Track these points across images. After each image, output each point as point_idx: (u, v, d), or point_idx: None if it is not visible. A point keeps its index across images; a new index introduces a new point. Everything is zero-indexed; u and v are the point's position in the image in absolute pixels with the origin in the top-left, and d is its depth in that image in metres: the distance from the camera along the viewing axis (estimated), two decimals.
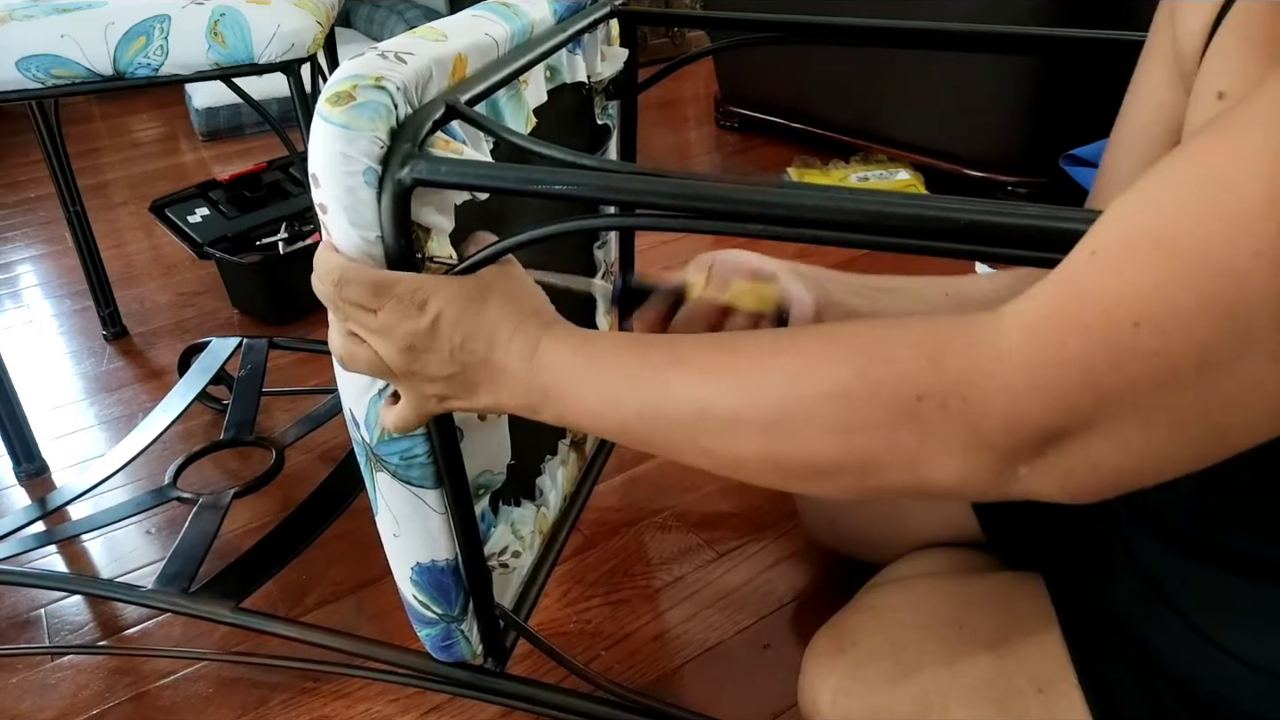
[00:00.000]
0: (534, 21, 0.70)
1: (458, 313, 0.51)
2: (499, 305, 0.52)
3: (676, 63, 0.84)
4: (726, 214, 0.47)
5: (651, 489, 1.07)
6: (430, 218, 0.56)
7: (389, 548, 0.69)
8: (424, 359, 0.52)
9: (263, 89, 1.17)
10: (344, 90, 0.52)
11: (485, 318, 0.52)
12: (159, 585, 0.85)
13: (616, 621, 0.90)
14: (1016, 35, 0.75)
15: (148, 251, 1.83)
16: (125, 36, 0.87)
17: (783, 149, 2.09)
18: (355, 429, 0.62)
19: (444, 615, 0.71)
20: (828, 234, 0.45)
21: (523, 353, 0.51)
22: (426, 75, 0.56)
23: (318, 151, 0.52)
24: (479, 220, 0.65)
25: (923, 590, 0.73)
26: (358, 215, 0.53)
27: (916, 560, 0.80)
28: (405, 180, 0.52)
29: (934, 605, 0.70)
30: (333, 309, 0.54)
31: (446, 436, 0.62)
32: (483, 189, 0.58)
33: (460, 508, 0.65)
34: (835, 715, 0.67)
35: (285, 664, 0.86)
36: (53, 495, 1.03)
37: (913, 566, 0.79)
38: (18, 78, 0.88)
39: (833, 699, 0.67)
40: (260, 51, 0.90)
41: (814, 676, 0.69)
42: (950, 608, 0.69)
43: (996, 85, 1.63)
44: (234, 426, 1.10)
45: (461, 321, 0.51)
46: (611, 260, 0.98)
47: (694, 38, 2.91)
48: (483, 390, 0.53)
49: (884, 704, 0.65)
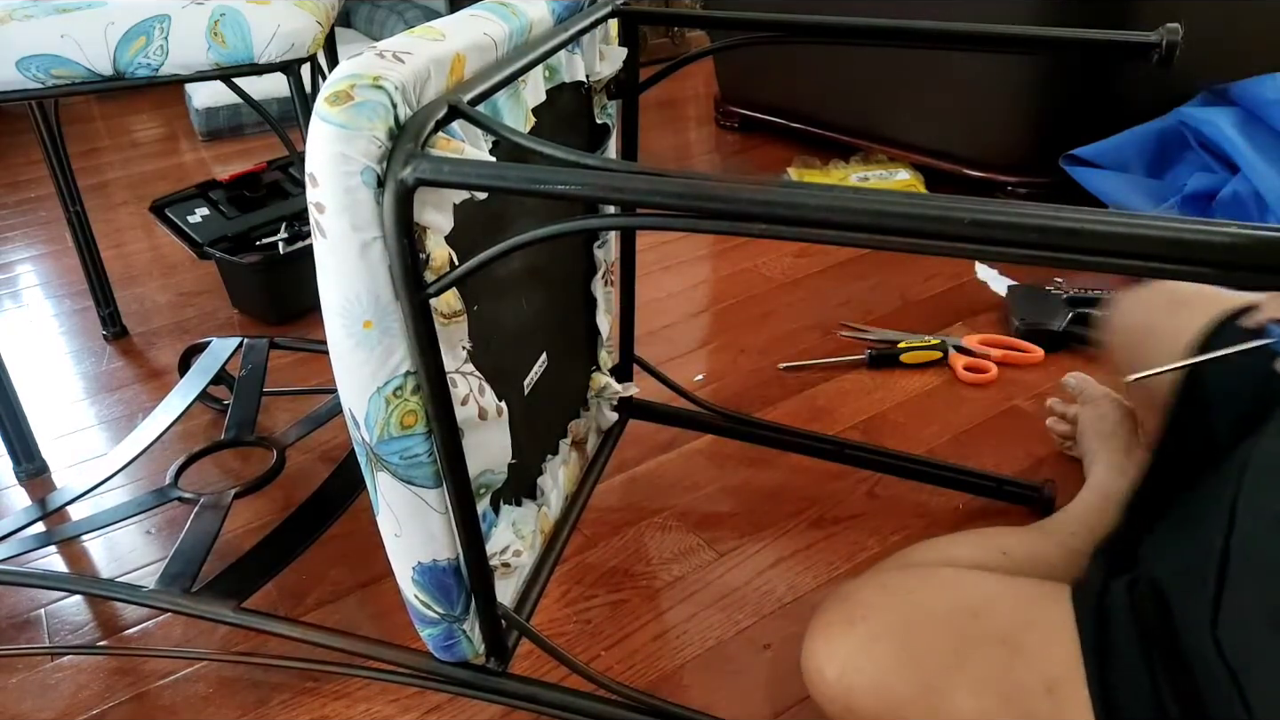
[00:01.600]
0: (532, 21, 0.70)
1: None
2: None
3: (676, 63, 0.84)
4: (730, 214, 0.47)
5: (651, 489, 1.07)
6: (429, 217, 0.56)
7: (390, 548, 0.69)
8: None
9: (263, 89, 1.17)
10: (342, 90, 0.52)
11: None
12: (161, 585, 0.85)
13: (616, 621, 0.90)
14: (1017, 35, 0.75)
15: (148, 251, 1.83)
16: (125, 36, 0.87)
17: (783, 149, 2.09)
18: (355, 429, 0.62)
19: (446, 615, 0.71)
20: (831, 233, 0.45)
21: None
22: (425, 75, 0.56)
23: (316, 151, 0.52)
24: (478, 220, 0.65)
25: (944, 577, 0.73)
26: (356, 215, 0.53)
27: (939, 547, 0.80)
28: (408, 180, 0.52)
29: (952, 593, 0.70)
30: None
31: (449, 435, 0.62)
32: (485, 189, 0.58)
33: (462, 507, 0.65)
34: (839, 689, 0.67)
35: (286, 664, 0.86)
36: (53, 495, 1.03)
37: (935, 553, 0.79)
38: (18, 78, 0.88)
39: (840, 673, 0.67)
40: (260, 51, 0.90)
41: (822, 645, 0.69)
42: (968, 598, 0.68)
43: (997, 85, 1.63)
44: (235, 426, 1.10)
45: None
46: (612, 260, 0.98)
47: (694, 38, 2.90)
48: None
49: (890, 684, 0.65)
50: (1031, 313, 1.31)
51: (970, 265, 1.53)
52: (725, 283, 1.55)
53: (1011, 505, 1.00)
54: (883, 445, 1.09)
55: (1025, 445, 1.10)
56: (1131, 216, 0.41)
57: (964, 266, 1.53)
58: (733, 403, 1.21)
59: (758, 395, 1.23)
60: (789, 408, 1.20)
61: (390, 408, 0.60)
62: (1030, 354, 1.27)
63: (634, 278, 1.01)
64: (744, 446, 1.11)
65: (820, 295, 1.48)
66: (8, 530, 0.97)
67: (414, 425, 0.61)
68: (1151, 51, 0.69)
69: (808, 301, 1.46)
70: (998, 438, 1.12)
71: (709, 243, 1.69)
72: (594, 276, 0.96)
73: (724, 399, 1.22)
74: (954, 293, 1.47)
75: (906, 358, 1.27)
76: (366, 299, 0.56)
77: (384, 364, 0.59)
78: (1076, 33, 0.74)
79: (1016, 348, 1.28)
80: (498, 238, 0.54)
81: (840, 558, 0.95)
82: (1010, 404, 1.18)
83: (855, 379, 1.26)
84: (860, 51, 1.80)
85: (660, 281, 1.56)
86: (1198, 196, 1.45)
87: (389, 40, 0.58)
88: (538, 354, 0.83)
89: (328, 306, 0.58)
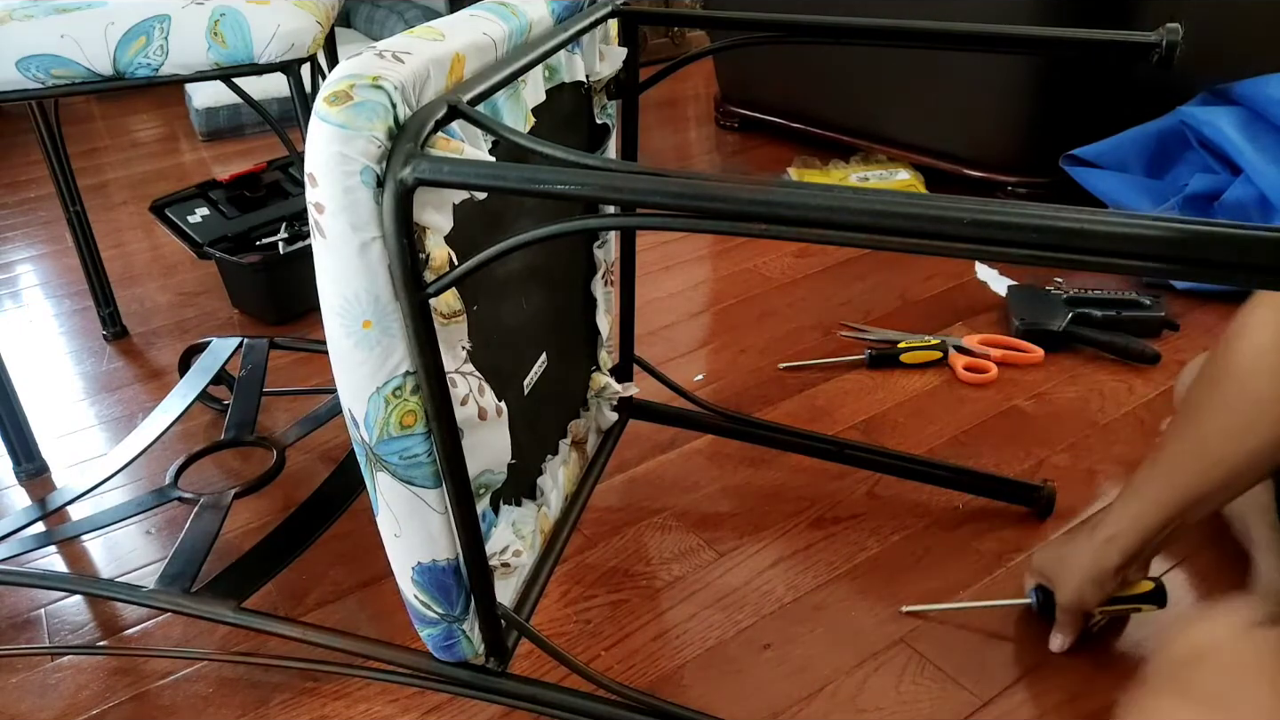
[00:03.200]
0: (532, 21, 0.70)
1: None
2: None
3: (676, 63, 0.84)
4: (732, 214, 0.47)
5: (651, 489, 1.07)
6: (428, 217, 0.56)
7: (390, 548, 0.69)
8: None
9: (263, 89, 1.17)
10: (341, 90, 0.52)
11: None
12: (161, 585, 0.85)
13: (616, 621, 0.90)
14: (1017, 35, 0.75)
15: (148, 251, 1.83)
16: (125, 36, 0.87)
17: (783, 149, 2.09)
18: (355, 429, 0.62)
19: (445, 615, 0.71)
20: (833, 233, 0.45)
21: None
22: (424, 75, 0.56)
23: (315, 151, 0.52)
24: (477, 220, 0.65)
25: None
26: (355, 215, 0.53)
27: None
28: (408, 180, 0.52)
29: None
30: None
31: (448, 436, 0.62)
32: (486, 189, 0.58)
33: (462, 507, 0.65)
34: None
35: (285, 664, 0.86)
36: (53, 495, 1.03)
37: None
38: (18, 78, 0.88)
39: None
40: (260, 51, 0.90)
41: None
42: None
43: (997, 85, 1.63)
44: (235, 426, 1.10)
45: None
46: (612, 260, 0.98)
47: (694, 38, 2.90)
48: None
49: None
50: (1031, 313, 1.31)
51: (970, 265, 1.53)
52: (725, 283, 1.55)
53: (1011, 505, 1.00)
54: (882, 445, 1.09)
55: (1025, 445, 1.10)
56: (1131, 216, 0.41)
57: (964, 266, 1.53)
58: (733, 403, 1.21)
59: (758, 395, 1.23)
60: (789, 408, 1.20)
61: (390, 408, 0.60)
62: (1030, 354, 1.27)
63: (634, 278, 1.01)
64: (744, 446, 1.11)
65: (820, 295, 1.48)
66: (8, 530, 0.97)
67: (413, 425, 0.61)
68: (1151, 51, 0.69)
69: (808, 301, 1.46)
70: (998, 438, 1.12)
71: (709, 243, 1.69)
72: (594, 276, 0.96)
73: (724, 399, 1.22)
74: (954, 293, 1.47)
75: (906, 358, 1.27)
76: (366, 299, 0.56)
77: (383, 364, 0.59)
78: (1076, 32, 0.74)
79: (1016, 348, 1.28)
80: (497, 237, 0.54)
81: (840, 558, 0.95)
82: (1010, 404, 1.18)
83: (855, 379, 1.26)
84: (860, 52, 1.80)
85: (660, 281, 1.56)
86: (1198, 197, 1.45)
87: (388, 40, 0.58)
88: (537, 354, 0.83)
89: (327, 306, 0.58)
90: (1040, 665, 0.82)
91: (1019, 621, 0.87)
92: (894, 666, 0.83)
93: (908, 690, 0.81)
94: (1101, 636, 0.85)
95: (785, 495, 1.04)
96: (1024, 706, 0.79)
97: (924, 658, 0.84)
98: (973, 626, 0.86)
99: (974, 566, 0.93)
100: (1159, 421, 1.12)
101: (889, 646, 0.85)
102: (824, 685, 0.82)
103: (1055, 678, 0.81)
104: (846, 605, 0.90)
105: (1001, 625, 0.86)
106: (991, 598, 0.89)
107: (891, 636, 0.86)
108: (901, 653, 0.84)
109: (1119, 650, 0.83)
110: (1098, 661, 0.82)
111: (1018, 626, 0.86)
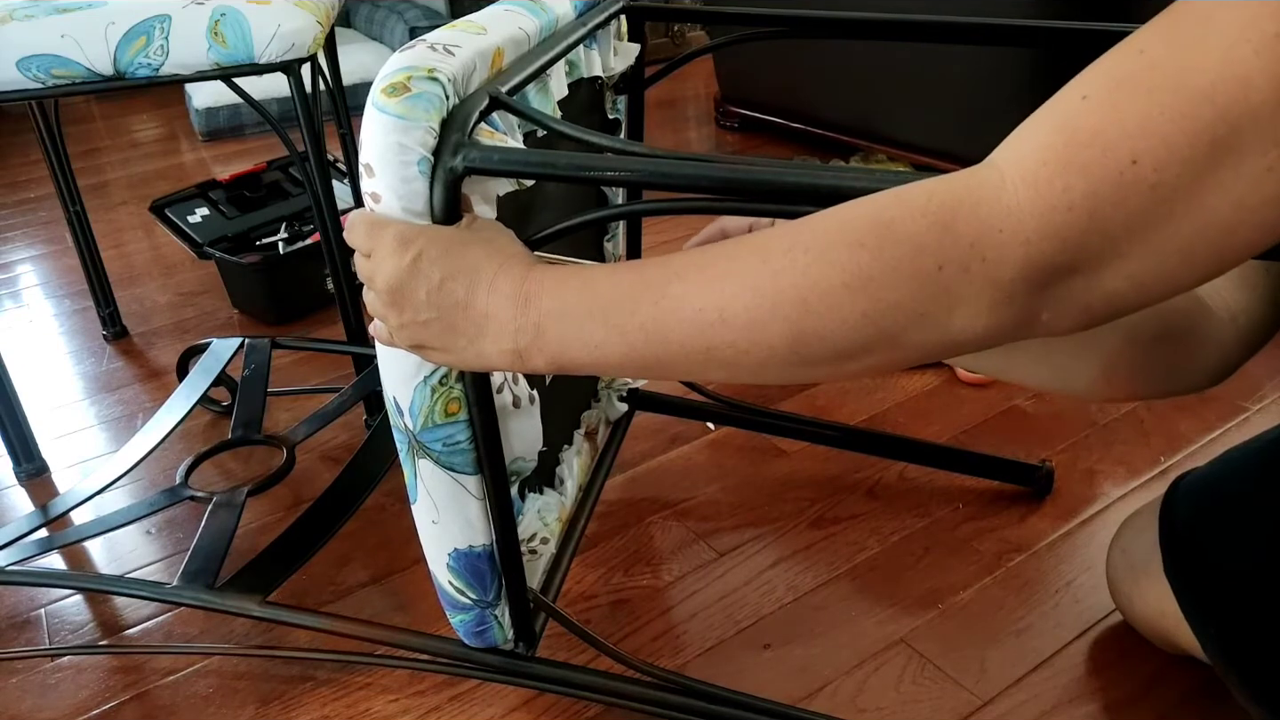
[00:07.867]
0: (559, 16, 0.72)
1: (439, 252, 0.51)
2: (482, 247, 0.52)
3: (681, 59, 0.85)
4: (775, 195, 0.47)
5: (652, 488, 1.07)
6: (474, 206, 0.57)
7: (425, 535, 0.70)
8: (404, 303, 0.51)
9: (263, 89, 1.17)
10: (399, 81, 0.53)
11: (466, 258, 0.51)
12: (183, 582, 0.85)
13: (616, 621, 0.90)
14: (1017, 28, 0.75)
15: (148, 251, 1.83)
16: (125, 36, 0.87)
17: (783, 149, 2.09)
18: (398, 416, 0.63)
19: (479, 600, 0.72)
20: None
21: (509, 290, 0.50)
22: (471, 67, 0.58)
23: (373, 141, 0.53)
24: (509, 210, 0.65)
25: None
26: (412, 204, 0.54)
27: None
28: (458, 168, 0.53)
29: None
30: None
31: (488, 422, 0.63)
32: (535, 176, 0.59)
33: (498, 493, 0.66)
34: None
35: (310, 656, 0.85)
36: (59, 500, 1.03)
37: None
38: (18, 78, 0.88)
39: None
40: (260, 51, 0.90)
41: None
42: None
43: (996, 84, 1.63)
44: (241, 426, 1.10)
45: (441, 260, 0.51)
46: (619, 254, 0.98)
47: (694, 38, 2.91)
48: (462, 339, 0.51)
49: None
50: None
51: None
52: None
53: (1011, 506, 1.00)
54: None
55: (1025, 445, 1.10)
56: None
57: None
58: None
59: (758, 394, 1.23)
60: (789, 407, 1.20)
61: (435, 396, 0.62)
62: None
63: None
64: (744, 446, 1.11)
65: None
66: (16, 534, 0.96)
67: (457, 413, 0.63)
68: None
69: None
70: (997, 437, 1.12)
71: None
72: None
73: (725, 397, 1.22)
74: None
75: None
76: None
77: None
78: (1077, 26, 0.73)
79: None
80: (528, 229, 0.55)
81: (840, 558, 0.95)
82: (1010, 404, 1.18)
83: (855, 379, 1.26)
84: (860, 50, 1.80)
85: None
86: None
87: (435, 33, 0.59)
88: None
89: None
90: (1040, 665, 0.82)
91: (1019, 621, 0.87)
92: (894, 666, 0.83)
93: (908, 690, 0.81)
94: (1102, 637, 0.85)
95: (786, 495, 1.04)
96: (1024, 706, 0.79)
97: (924, 658, 0.84)
98: (973, 626, 0.86)
99: (974, 566, 0.93)
100: (1159, 421, 1.12)
101: (889, 646, 0.85)
102: (824, 685, 0.82)
103: (1055, 678, 0.81)
104: (846, 605, 0.90)
105: (1002, 625, 0.86)
106: (992, 597, 0.89)
107: (891, 636, 0.86)
108: (901, 653, 0.84)
109: (1119, 650, 0.83)
110: (1097, 661, 0.82)
111: (1018, 626, 0.86)
